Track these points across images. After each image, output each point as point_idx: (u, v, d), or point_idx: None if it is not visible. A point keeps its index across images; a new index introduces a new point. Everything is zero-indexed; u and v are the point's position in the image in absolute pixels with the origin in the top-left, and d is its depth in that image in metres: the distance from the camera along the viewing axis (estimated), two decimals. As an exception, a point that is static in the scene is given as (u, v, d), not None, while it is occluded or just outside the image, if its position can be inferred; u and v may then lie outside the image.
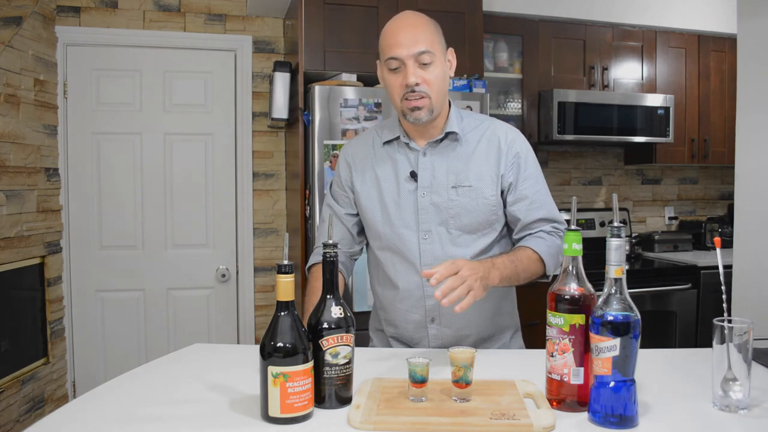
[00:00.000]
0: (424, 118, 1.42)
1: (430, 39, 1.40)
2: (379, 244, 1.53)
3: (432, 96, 1.41)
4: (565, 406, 1.04)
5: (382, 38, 1.44)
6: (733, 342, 1.02)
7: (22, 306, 2.72)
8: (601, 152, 3.87)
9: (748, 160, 2.11)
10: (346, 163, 1.58)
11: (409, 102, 1.40)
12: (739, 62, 2.14)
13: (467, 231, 1.47)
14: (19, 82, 2.63)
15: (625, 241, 1.07)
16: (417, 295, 1.48)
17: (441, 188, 1.46)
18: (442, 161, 1.48)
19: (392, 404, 1.06)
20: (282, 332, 1.00)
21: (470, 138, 1.50)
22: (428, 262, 1.45)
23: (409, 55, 1.38)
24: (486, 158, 1.48)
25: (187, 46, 3.16)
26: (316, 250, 1.61)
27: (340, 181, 1.59)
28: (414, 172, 1.48)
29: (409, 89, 1.39)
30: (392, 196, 1.49)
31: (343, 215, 1.57)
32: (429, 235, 1.46)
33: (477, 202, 1.46)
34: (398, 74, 1.41)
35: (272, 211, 3.32)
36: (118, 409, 1.07)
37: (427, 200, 1.46)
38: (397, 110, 1.47)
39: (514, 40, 3.34)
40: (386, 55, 1.41)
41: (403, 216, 1.48)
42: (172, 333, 3.20)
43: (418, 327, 1.50)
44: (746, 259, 2.09)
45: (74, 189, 3.06)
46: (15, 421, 2.58)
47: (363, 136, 1.62)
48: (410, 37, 1.38)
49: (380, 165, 1.53)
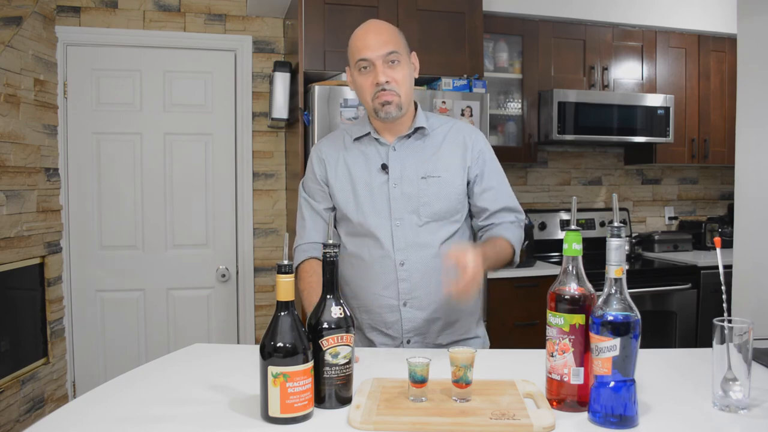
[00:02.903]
0: (393, 113, 1.51)
1: (395, 41, 1.52)
2: (352, 231, 1.59)
3: (401, 94, 1.51)
4: (565, 406, 1.04)
5: (352, 44, 1.55)
6: (733, 342, 1.02)
7: (22, 306, 2.72)
8: (601, 152, 3.87)
9: (748, 160, 2.10)
10: (319, 159, 1.66)
11: (380, 97, 1.50)
12: (739, 62, 2.14)
13: (436, 218, 1.55)
14: (19, 82, 2.63)
15: (625, 241, 1.07)
16: (391, 278, 1.53)
17: (411, 180, 1.55)
18: (412, 155, 1.58)
19: (392, 404, 1.06)
20: (282, 332, 1.00)
21: (437, 133, 1.61)
22: (401, 247, 1.53)
23: (378, 56, 1.49)
24: (452, 152, 1.59)
25: (187, 46, 3.16)
26: (299, 248, 1.63)
27: (314, 177, 1.65)
28: (385, 164, 1.57)
29: (379, 87, 1.50)
30: (364, 186, 1.57)
31: (322, 210, 1.63)
32: (401, 222, 1.54)
33: (446, 190, 1.55)
34: (368, 75, 1.52)
35: (272, 211, 3.32)
36: (118, 409, 1.07)
37: (398, 191, 1.55)
38: (368, 109, 1.57)
39: (514, 40, 3.34)
40: (356, 57, 1.52)
41: (376, 206, 1.55)
42: (172, 333, 3.19)
43: (391, 310, 1.54)
44: (746, 259, 2.08)
45: (74, 189, 3.06)
46: (15, 421, 2.58)
47: (332, 136, 1.71)
48: (378, 40, 1.50)
49: (352, 159, 1.61)
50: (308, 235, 1.63)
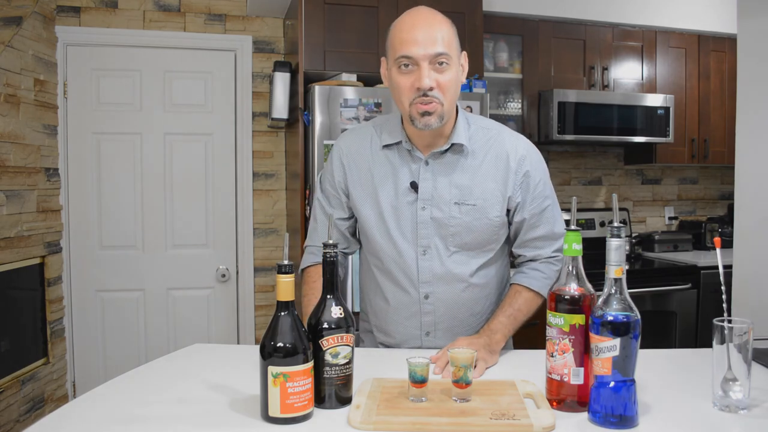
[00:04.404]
0: (434, 124, 1.30)
1: (448, 40, 1.28)
2: (374, 256, 1.47)
3: (445, 102, 1.30)
4: (565, 406, 1.04)
5: (394, 34, 1.31)
6: (733, 342, 1.02)
7: (22, 306, 2.72)
8: (601, 152, 3.87)
9: (748, 160, 2.10)
10: (340, 162, 1.48)
11: (420, 106, 1.29)
12: (739, 62, 2.13)
13: (467, 248, 1.41)
14: (19, 82, 2.63)
15: (625, 241, 1.07)
16: (413, 310, 1.44)
17: (443, 203, 1.38)
18: (446, 174, 1.39)
19: (392, 404, 1.06)
20: (282, 332, 1.00)
21: (477, 150, 1.40)
22: (426, 279, 1.41)
23: (425, 55, 1.26)
24: (493, 175, 1.39)
25: (187, 46, 3.16)
26: (308, 249, 1.55)
27: (332, 181, 1.49)
28: (415, 182, 1.39)
29: (420, 93, 1.28)
30: (390, 205, 1.41)
31: (336, 219, 1.49)
32: (428, 251, 1.40)
33: (480, 222, 1.38)
34: (409, 75, 1.29)
35: (272, 211, 3.32)
36: (118, 409, 1.07)
37: (428, 214, 1.38)
38: (403, 114, 1.36)
39: (514, 40, 3.34)
40: (398, 52, 1.28)
41: (401, 228, 1.40)
42: (172, 333, 3.19)
43: (414, 339, 1.47)
44: (746, 259, 2.08)
45: (74, 189, 3.06)
46: (15, 421, 2.58)
47: (359, 132, 1.49)
48: (427, 36, 1.26)
49: (378, 169, 1.43)
50: (319, 237, 1.50)
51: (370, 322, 1.56)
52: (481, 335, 1.34)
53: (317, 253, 1.50)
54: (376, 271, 1.49)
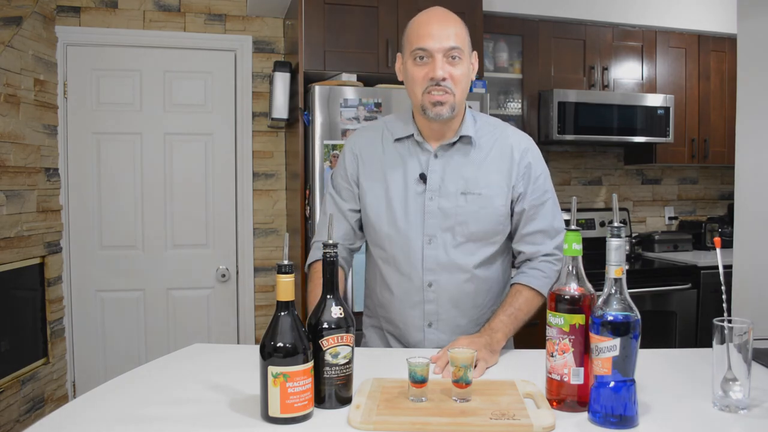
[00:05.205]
0: (445, 114, 1.38)
1: (461, 37, 1.38)
2: (378, 241, 1.50)
3: (456, 93, 1.38)
4: (565, 406, 1.04)
5: (411, 30, 1.40)
6: (733, 342, 1.02)
7: (22, 306, 2.72)
8: (601, 152, 3.87)
9: (748, 160, 2.10)
10: (353, 155, 1.53)
11: (432, 96, 1.37)
12: (739, 62, 2.13)
13: (473, 239, 1.45)
14: (19, 82, 2.63)
15: (625, 241, 1.07)
16: (416, 299, 1.47)
17: (450, 193, 1.44)
18: (454, 165, 1.45)
19: (392, 404, 1.06)
20: (282, 332, 1.00)
21: (483, 144, 1.47)
22: (430, 267, 1.44)
23: (439, 48, 1.35)
24: (498, 167, 1.45)
25: (187, 46, 3.16)
26: (316, 245, 1.57)
27: (345, 174, 1.54)
28: (424, 174, 1.45)
29: (433, 83, 1.36)
30: (399, 196, 1.46)
31: (347, 210, 1.53)
32: (433, 240, 1.44)
33: (486, 210, 1.44)
34: (423, 66, 1.37)
35: (272, 211, 3.32)
36: (118, 409, 1.07)
37: (435, 204, 1.44)
38: (415, 104, 1.43)
39: (514, 40, 3.34)
40: (414, 45, 1.38)
41: (409, 218, 1.45)
42: (172, 333, 3.19)
43: (416, 329, 1.49)
44: (746, 259, 2.08)
45: (74, 189, 3.06)
46: (15, 421, 2.58)
47: (372, 129, 1.57)
48: (442, 31, 1.36)
49: (389, 163, 1.49)
50: (325, 235, 1.54)
51: (378, 315, 1.58)
52: (482, 334, 1.35)
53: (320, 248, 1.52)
54: (381, 263, 1.51)
